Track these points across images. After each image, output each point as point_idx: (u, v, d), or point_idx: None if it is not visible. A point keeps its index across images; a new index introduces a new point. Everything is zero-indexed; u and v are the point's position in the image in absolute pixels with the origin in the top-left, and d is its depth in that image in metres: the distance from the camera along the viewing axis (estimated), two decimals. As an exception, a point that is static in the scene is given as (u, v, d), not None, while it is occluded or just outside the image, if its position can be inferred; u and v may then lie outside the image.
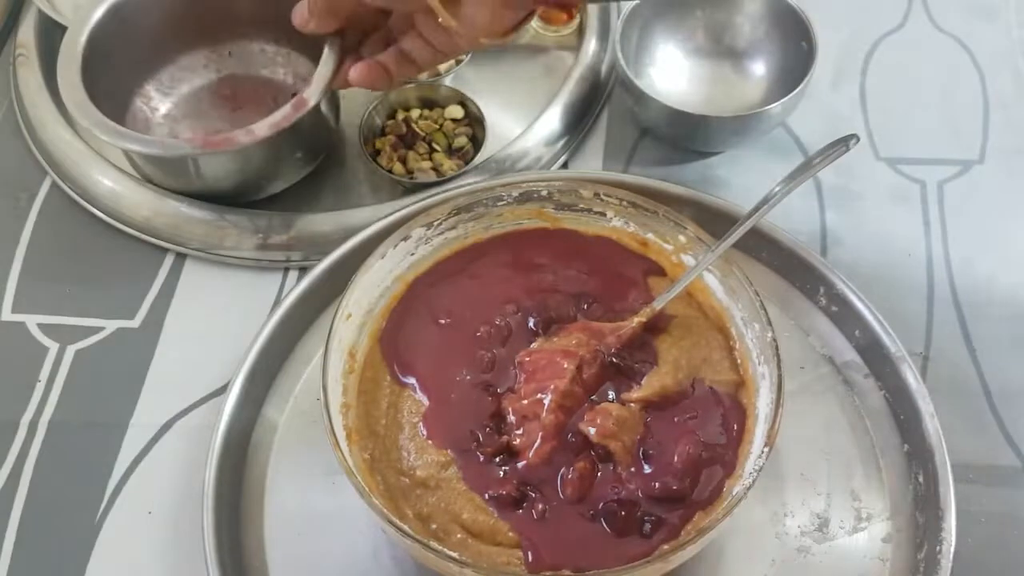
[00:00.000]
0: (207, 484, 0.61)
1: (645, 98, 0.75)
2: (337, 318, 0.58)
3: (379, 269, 0.61)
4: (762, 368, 0.58)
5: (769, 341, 0.57)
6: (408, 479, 0.58)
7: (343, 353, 0.59)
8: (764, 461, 0.53)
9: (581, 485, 0.56)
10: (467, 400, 0.60)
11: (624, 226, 0.65)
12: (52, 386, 0.69)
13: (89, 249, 0.76)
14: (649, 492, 0.56)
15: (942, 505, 0.60)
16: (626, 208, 0.64)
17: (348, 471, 0.53)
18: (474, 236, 0.65)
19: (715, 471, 0.57)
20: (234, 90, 0.82)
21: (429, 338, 0.63)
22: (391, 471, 0.58)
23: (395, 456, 0.58)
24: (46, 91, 0.80)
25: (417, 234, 0.63)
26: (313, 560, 0.62)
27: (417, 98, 0.80)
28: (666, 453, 0.57)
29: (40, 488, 0.65)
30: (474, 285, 0.64)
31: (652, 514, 0.55)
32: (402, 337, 0.63)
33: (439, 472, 0.57)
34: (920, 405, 0.63)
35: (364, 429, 0.59)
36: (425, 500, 0.57)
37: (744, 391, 0.60)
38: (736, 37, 0.82)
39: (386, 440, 0.59)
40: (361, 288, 0.60)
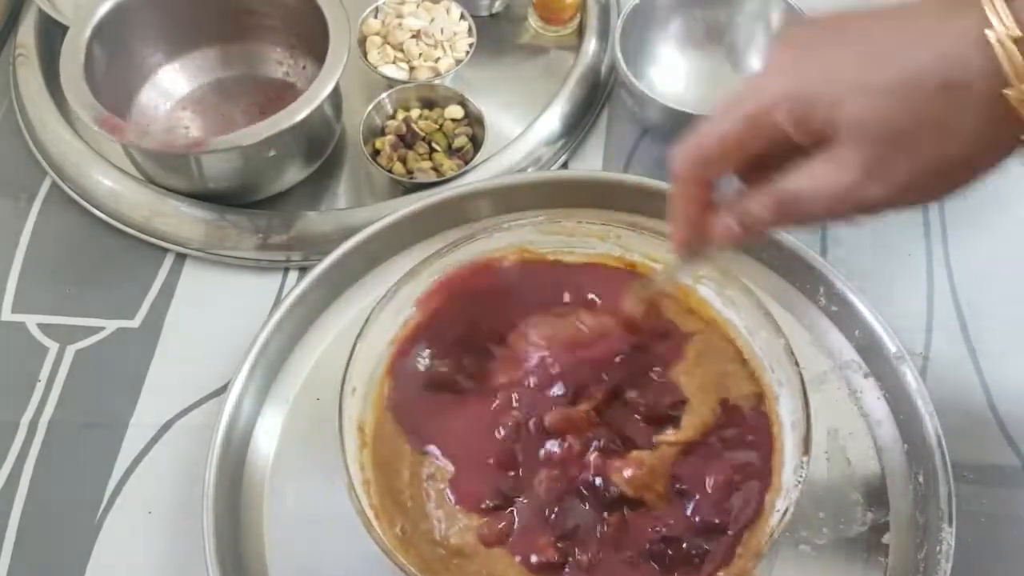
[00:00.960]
0: (207, 484, 0.61)
1: (645, 98, 0.75)
2: (344, 394, 0.57)
3: (375, 335, 0.60)
4: (777, 375, 0.58)
5: (783, 347, 0.57)
6: (444, 549, 0.56)
7: (354, 430, 0.58)
8: (805, 471, 0.53)
9: (619, 535, 0.55)
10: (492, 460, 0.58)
11: (610, 251, 0.64)
12: (52, 386, 0.69)
13: (89, 249, 0.76)
14: (690, 526, 0.55)
15: (942, 505, 0.60)
16: (610, 231, 0.63)
17: (387, 551, 0.52)
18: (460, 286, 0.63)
19: (751, 487, 0.56)
20: (237, 89, 0.82)
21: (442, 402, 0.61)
22: (425, 543, 0.56)
23: (425, 527, 0.57)
24: (46, 91, 0.80)
25: (404, 293, 0.61)
26: (313, 560, 0.62)
27: (417, 98, 0.80)
28: (699, 483, 0.56)
29: (40, 488, 0.65)
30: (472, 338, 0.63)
31: (699, 545, 0.54)
32: (413, 403, 0.61)
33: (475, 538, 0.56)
34: (920, 405, 0.63)
35: (390, 505, 0.57)
36: (465, 570, 0.55)
37: (764, 400, 0.59)
38: (736, 37, 0.82)
39: (414, 512, 0.57)
40: (362, 358, 0.59)
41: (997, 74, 0.39)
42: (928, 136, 0.41)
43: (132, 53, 0.79)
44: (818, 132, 0.42)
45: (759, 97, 0.44)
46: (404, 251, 0.72)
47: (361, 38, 0.82)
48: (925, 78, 0.40)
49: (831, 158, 0.43)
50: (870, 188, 0.42)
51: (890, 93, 0.41)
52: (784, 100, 0.43)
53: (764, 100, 0.43)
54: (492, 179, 0.74)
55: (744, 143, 0.45)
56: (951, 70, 0.40)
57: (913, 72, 0.40)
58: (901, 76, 0.41)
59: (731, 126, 0.45)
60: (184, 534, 0.62)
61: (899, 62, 0.41)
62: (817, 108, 0.42)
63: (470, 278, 0.63)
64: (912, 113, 0.41)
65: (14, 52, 0.84)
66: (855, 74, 0.41)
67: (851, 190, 0.42)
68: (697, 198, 0.48)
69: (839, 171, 0.42)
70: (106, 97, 0.71)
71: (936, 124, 0.41)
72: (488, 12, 0.87)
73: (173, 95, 0.81)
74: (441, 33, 0.82)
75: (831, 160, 0.43)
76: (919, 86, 0.40)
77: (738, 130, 0.45)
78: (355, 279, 0.71)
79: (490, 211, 0.74)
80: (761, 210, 0.46)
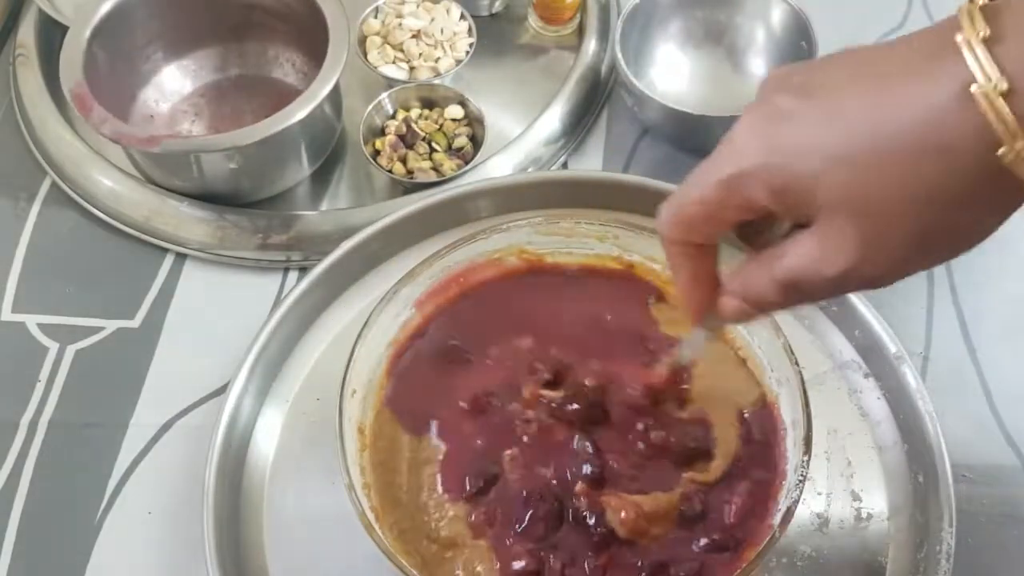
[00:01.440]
0: (207, 484, 0.61)
1: (645, 98, 0.75)
2: (343, 397, 0.56)
3: (374, 338, 0.60)
4: (777, 374, 0.58)
5: (783, 346, 0.57)
6: (436, 544, 0.56)
7: (354, 432, 0.58)
8: (807, 470, 0.53)
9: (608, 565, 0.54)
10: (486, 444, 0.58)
11: (608, 251, 0.64)
12: (52, 386, 0.69)
13: (89, 249, 0.76)
14: (698, 546, 0.54)
15: (942, 505, 0.60)
16: (608, 231, 0.63)
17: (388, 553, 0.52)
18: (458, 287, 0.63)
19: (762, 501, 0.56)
20: (238, 89, 0.82)
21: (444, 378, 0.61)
22: (420, 539, 0.56)
23: (420, 521, 0.56)
24: (46, 91, 0.80)
25: (404, 294, 0.61)
26: (313, 560, 0.62)
27: (417, 98, 0.80)
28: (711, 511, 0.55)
29: (40, 488, 0.65)
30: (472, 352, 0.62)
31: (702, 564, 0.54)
32: (414, 385, 0.61)
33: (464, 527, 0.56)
34: (920, 405, 0.63)
35: (389, 504, 0.57)
36: (454, 562, 0.55)
37: (767, 402, 0.59)
38: (736, 37, 0.82)
39: (410, 507, 0.57)
40: (362, 360, 0.59)
41: (987, 133, 0.34)
42: (918, 207, 0.37)
43: (132, 53, 0.79)
44: (799, 206, 0.39)
45: (734, 163, 0.40)
46: (404, 251, 0.72)
47: (361, 38, 0.82)
48: (906, 145, 0.36)
49: (823, 237, 0.39)
50: (868, 268, 0.39)
51: (869, 165, 0.36)
52: (758, 170, 0.39)
53: (739, 167, 0.39)
54: (492, 179, 0.74)
55: (719, 212, 0.41)
56: (934, 134, 0.35)
57: (892, 139, 0.36)
58: (879, 144, 0.36)
59: (709, 192, 0.41)
60: (184, 534, 0.62)
61: (876, 128, 0.36)
62: (794, 183, 0.38)
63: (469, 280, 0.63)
64: (896, 185, 0.36)
65: (14, 52, 0.84)
66: (830, 143, 0.37)
67: (851, 271, 0.39)
68: (692, 267, 0.45)
69: (834, 253, 0.38)
70: (106, 97, 0.71)
71: (926, 194, 0.36)
72: (488, 12, 0.87)
73: (173, 95, 0.81)
74: (441, 33, 0.82)
75: (823, 239, 0.39)
76: (901, 154, 0.36)
77: (716, 196, 0.41)
78: (355, 279, 0.71)
79: (490, 211, 0.74)
80: (767, 293, 0.42)
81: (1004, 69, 0.34)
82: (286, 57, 0.82)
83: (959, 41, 0.35)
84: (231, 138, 0.70)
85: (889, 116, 0.36)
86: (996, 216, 0.38)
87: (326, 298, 0.70)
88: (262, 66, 0.83)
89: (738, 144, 0.40)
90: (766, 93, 0.40)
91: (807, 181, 0.38)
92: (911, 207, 0.37)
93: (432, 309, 0.63)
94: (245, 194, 0.76)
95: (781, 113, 0.39)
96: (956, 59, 0.35)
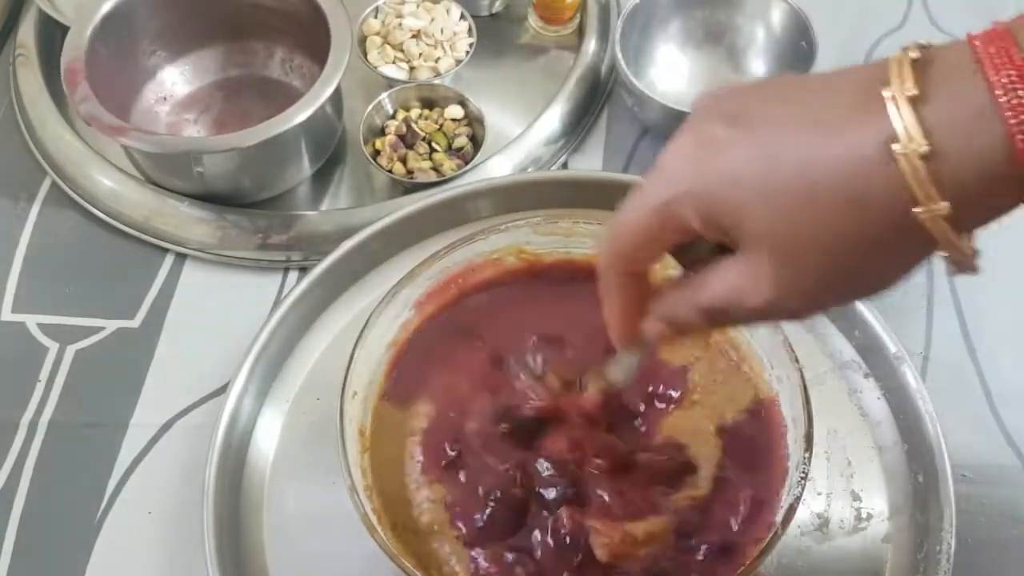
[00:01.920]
0: (207, 484, 0.61)
1: (645, 98, 0.75)
2: (344, 398, 0.56)
3: (374, 339, 0.60)
4: (777, 372, 0.58)
5: (782, 343, 0.57)
6: (416, 534, 0.56)
7: (355, 434, 0.58)
8: (808, 468, 0.53)
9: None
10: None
11: None
12: (52, 386, 0.69)
13: (89, 249, 0.76)
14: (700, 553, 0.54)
15: (942, 505, 0.60)
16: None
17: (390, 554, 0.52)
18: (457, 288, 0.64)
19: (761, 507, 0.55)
20: (239, 90, 0.82)
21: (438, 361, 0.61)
22: (410, 534, 0.56)
23: (405, 511, 0.56)
24: (46, 91, 0.80)
25: (403, 296, 0.61)
26: (313, 560, 0.62)
27: (417, 98, 0.80)
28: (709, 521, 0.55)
29: (40, 488, 0.65)
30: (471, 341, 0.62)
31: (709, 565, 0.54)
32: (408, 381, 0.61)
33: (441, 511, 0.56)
34: (920, 405, 0.63)
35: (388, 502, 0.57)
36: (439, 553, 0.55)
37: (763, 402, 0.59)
38: (736, 37, 0.82)
39: (403, 500, 0.57)
40: (362, 362, 0.59)
41: (905, 191, 0.35)
42: (835, 250, 0.37)
43: (133, 53, 0.79)
44: (726, 232, 0.39)
45: (667, 189, 0.40)
46: (404, 251, 0.72)
47: (361, 38, 0.82)
48: (830, 193, 0.36)
49: (746, 268, 0.40)
50: (788, 301, 0.39)
51: (793, 207, 0.37)
52: (687, 197, 0.39)
53: (671, 193, 0.40)
54: (492, 179, 0.74)
55: (656, 236, 0.42)
56: (856, 185, 0.36)
57: (817, 185, 0.36)
58: (805, 188, 0.37)
59: (642, 218, 0.42)
60: (184, 534, 0.62)
61: (804, 172, 0.37)
62: (722, 212, 0.39)
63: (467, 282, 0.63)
64: (816, 229, 0.37)
65: (14, 52, 0.84)
66: (759, 179, 0.37)
67: (771, 303, 0.39)
68: (626, 292, 0.45)
69: (756, 285, 0.39)
70: (107, 97, 0.71)
71: (844, 240, 0.37)
72: (488, 12, 0.87)
73: (174, 96, 0.81)
74: (441, 33, 0.82)
75: (746, 270, 0.39)
76: (823, 201, 0.36)
77: (648, 223, 0.41)
78: (355, 279, 0.71)
79: (490, 211, 0.74)
80: (691, 317, 0.43)
81: (927, 131, 0.34)
82: (287, 57, 0.82)
83: (886, 96, 0.35)
84: (233, 139, 0.70)
85: (817, 162, 0.36)
86: (908, 265, 0.39)
87: (326, 298, 0.70)
88: (263, 67, 0.83)
89: (670, 170, 0.41)
90: (699, 118, 0.40)
91: (734, 211, 0.38)
92: (828, 250, 0.37)
93: (432, 310, 0.63)
94: (246, 195, 0.76)
95: (714, 141, 0.39)
96: (883, 113, 0.35)
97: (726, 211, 0.38)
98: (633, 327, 0.46)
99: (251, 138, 0.69)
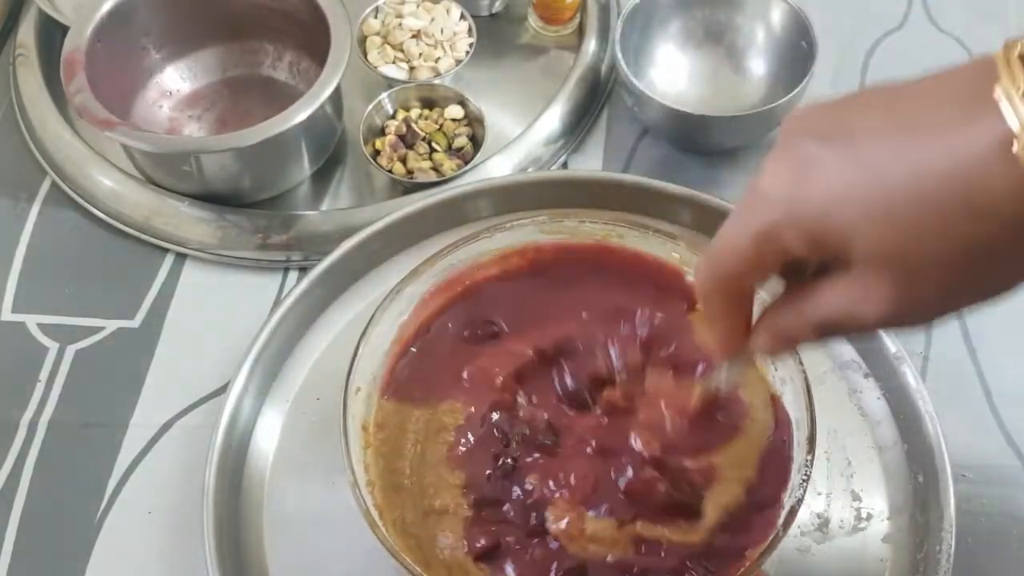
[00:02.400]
0: (207, 484, 0.61)
1: (645, 98, 0.75)
2: (347, 395, 0.56)
3: (378, 336, 0.60)
4: (780, 373, 0.58)
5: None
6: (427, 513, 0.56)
7: (359, 430, 0.58)
8: (810, 469, 0.53)
9: None
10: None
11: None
12: (52, 386, 0.69)
13: (89, 249, 0.76)
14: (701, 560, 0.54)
15: (942, 505, 0.60)
16: (612, 230, 0.62)
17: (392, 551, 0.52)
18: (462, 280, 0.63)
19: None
20: (238, 90, 0.82)
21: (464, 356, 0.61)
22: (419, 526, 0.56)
23: (420, 498, 0.57)
24: (46, 91, 0.80)
25: (406, 294, 0.61)
26: (313, 560, 0.62)
27: (417, 98, 0.80)
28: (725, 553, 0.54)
29: (40, 488, 0.65)
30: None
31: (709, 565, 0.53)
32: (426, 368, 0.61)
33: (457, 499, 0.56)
34: (920, 405, 0.63)
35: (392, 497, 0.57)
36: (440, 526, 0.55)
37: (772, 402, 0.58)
38: (736, 37, 0.82)
39: (413, 489, 0.57)
40: (366, 358, 0.59)
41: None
42: (955, 261, 0.36)
43: (133, 52, 0.79)
44: (834, 254, 0.38)
45: (765, 214, 0.39)
46: (404, 251, 0.72)
47: (361, 38, 0.82)
48: (945, 202, 0.34)
49: (860, 284, 0.38)
50: (906, 316, 0.38)
51: (906, 220, 0.35)
52: (790, 221, 0.38)
53: (769, 217, 0.38)
54: (492, 179, 0.74)
55: (758, 263, 0.40)
56: (975, 192, 0.34)
57: (930, 195, 0.35)
58: (916, 200, 0.35)
59: (743, 246, 0.40)
60: (184, 534, 0.62)
61: (913, 182, 0.35)
62: (828, 233, 0.37)
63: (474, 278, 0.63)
64: (934, 240, 0.35)
65: (14, 52, 0.84)
66: (863, 196, 0.36)
67: (888, 317, 0.38)
68: (731, 314, 0.44)
69: (872, 300, 0.38)
70: (107, 94, 0.71)
71: (963, 249, 0.35)
72: (488, 12, 0.87)
73: (174, 96, 0.81)
74: (441, 33, 0.82)
75: (861, 287, 0.38)
76: (939, 211, 0.35)
77: (750, 250, 0.40)
78: (355, 279, 0.71)
79: (490, 211, 0.74)
80: (803, 332, 0.42)
81: None
82: (287, 57, 0.82)
83: (997, 95, 0.33)
84: (233, 139, 0.70)
85: (927, 171, 0.35)
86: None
87: (326, 298, 0.70)
88: (263, 66, 0.83)
89: (767, 194, 0.39)
90: (791, 137, 0.39)
91: (841, 233, 0.37)
92: (948, 262, 0.36)
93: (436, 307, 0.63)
94: (246, 195, 0.76)
95: (811, 159, 0.37)
96: (995, 113, 0.33)
97: (832, 233, 0.37)
98: (738, 343, 0.45)
99: (251, 138, 0.69)
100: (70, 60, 0.71)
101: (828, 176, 0.37)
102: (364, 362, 0.58)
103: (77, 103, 0.70)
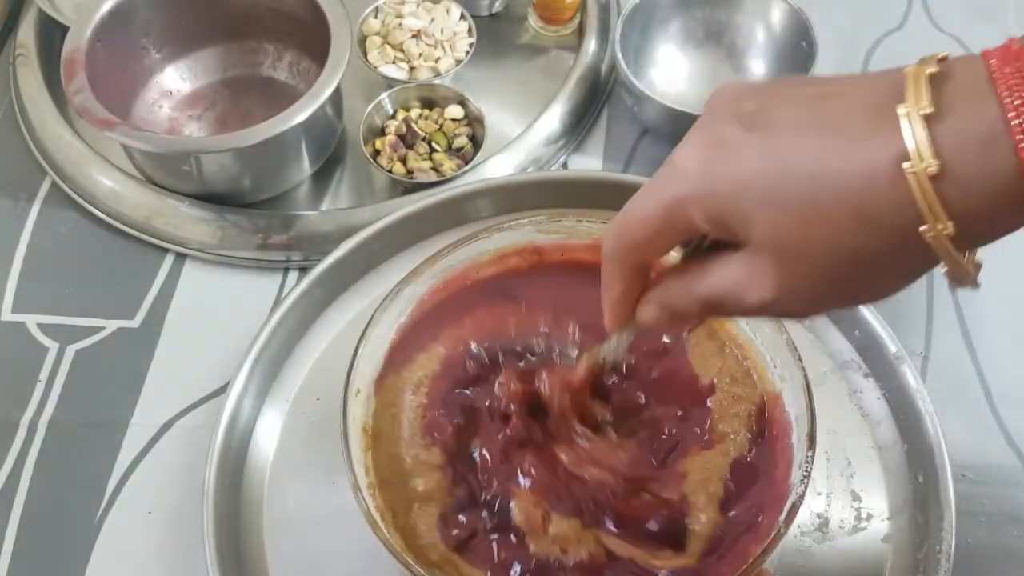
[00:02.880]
0: (207, 484, 0.61)
1: (645, 98, 0.75)
2: (347, 396, 0.56)
3: (377, 337, 0.60)
4: (780, 371, 0.58)
5: (786, 342, 0.57)
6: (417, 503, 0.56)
7: (359, 432, 0.58)
8: (811, 467, 0.53)
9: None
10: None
11: None
12: (52, 386, 0.69)
13: (89, 249, 0.76)
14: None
15: (942, 505, 0.60)
16: None
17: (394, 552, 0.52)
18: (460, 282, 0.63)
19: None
20: (238, 90, 0.82)
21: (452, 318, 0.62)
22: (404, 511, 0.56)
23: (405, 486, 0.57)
24: (46, 91, 0.80)
25: (406, 294, 0.61)
26: (313, 560, 0.62)
27: (417, 98, 0.80)
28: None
29: (40, 488, 0.65)
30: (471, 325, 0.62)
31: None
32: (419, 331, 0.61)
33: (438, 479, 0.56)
34: (920, 405, 0.63)
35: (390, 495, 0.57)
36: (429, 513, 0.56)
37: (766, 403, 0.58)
38: (736, 37, 0.82)
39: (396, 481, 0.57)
40: (365, 360, 0.58)
41: (912, 209, 0.35)
42: (840, 260, 0.38)
43: (133, 52, 0.79)
44: (732, 234, 0.40)
45: (675, 186, 0.41)
46: (404, 251, 0.72)
47: (361, 38, 0.82)
48: (839, 205, 0.37)
49: (748, 267, 0.40)
50: (787, 302, 0.40)
51: (801, 216, 0.38)
52: (698, 196, 0.40)
53: (680, 190, 0.40)
54: (492, 179, 0.74)
55: (663, 232, 0.42)
56: (866, 200, 0.36)
57: (825, 195, 0.37)
58: (814, 199, 0.37)
59: (650, 214, 0.42)
60: (184, 534, 0.62)
61: (813, 181, 0.37)
62: (730, 214, 0.39)
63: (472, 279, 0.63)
64: (822, 239, 0.38)
65: (14, 52, 0.84)
66: (768, 187, 0.38)
67: (770, 302, 0.40)
68: (626, 282, 0.46)
69: (757, 283, 0.40)
70: (106, 97, 0.71)
71: (848, 251, 0.38)
72: (488, 12, 0.87)
73: (174, 96, 0.81)
74: (441, 33, 0.82)
75: (748, 269, 0.40)
76: (832, 213, 0.37)
77: (656, 219, 0.42)
78: (355, 279, 0.71)
79: (490, 211, 0.74)
80: (687, 305, 0.44)
81: (939, 151, 0.34)
82: (287, 57, 0.82)
83: (900, 113, 0.35)
84: (233, 139, 0.70)
85: (828, 174, 0.37)
86: (910, 277, 0.39)
87: (326, 298, 0.70)
88: (263, 66, 0.83)
89: (681, 168, 0.41)
90: (715, 116, 0.41)
91: (743, 216, 0.39)
92: (832, 259, 0.38)
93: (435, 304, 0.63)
94: (246, 195, 0.76)
95: (728, 141, 0.39)
96: (896, 129, 0.35)
97: (734, 215, 0.39)
98: (628, 312, 0.47)
99: (251, 138, 0.69)
100: (70, 60, 0.71)
101: (741, 161, 0.39)
102: (363, 364, 0.58)
103: (77, 103, 0.70)
